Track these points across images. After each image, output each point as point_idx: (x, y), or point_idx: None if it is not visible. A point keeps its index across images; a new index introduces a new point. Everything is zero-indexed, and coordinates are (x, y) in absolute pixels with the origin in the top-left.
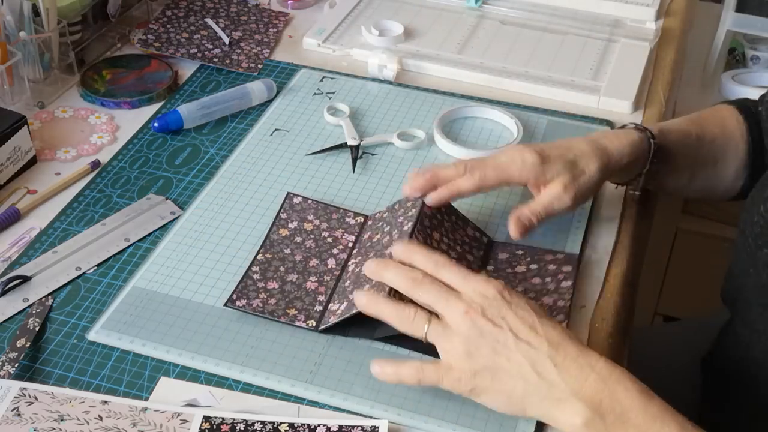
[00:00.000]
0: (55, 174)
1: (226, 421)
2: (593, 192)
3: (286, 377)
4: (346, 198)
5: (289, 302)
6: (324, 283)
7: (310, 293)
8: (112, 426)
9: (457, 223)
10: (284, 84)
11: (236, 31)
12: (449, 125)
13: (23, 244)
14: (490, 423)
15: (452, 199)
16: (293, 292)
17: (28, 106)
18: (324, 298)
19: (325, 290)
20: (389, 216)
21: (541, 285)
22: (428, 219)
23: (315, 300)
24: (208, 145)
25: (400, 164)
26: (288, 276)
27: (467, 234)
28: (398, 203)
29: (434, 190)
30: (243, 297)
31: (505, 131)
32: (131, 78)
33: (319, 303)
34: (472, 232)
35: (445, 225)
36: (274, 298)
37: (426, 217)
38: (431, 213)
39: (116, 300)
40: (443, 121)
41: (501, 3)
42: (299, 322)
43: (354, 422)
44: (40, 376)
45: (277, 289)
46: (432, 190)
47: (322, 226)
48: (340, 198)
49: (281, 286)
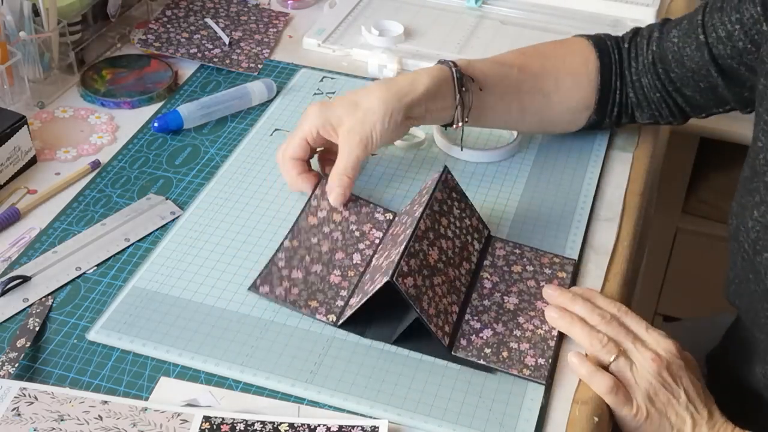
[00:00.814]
0: (55, 174)
1: (226, 421)
2: (391, 129)
3: (286, 377)
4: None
5: (311, 294)
6: (347, 278)
7: (333, 287)
8: (112, 426)
9: (465, 211)
10: (284, 84)
11: (236, 31)
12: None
13: (23, 244)
14: (490, 423)
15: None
16: (316, 284)
17: (28, 106)
18: (346, 294)
19: (348, 285)
20: (410, 208)
21: (536, 288)
22: (438, 204)
23: (337, 294)
24: (208, 145)
25: (400, 164)
26: (312, 267)
27: (472, 224)
28: (418, 193)
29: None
30: (266, 283)
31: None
32: (131, 78)
33: (341, 298)
34: (476, 223)
35: (454, 212)
36: (297, 288)
37: (436, 202)
38: (442, 198)
39: (116, 300)
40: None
41: (501, 3)
42: (320, 315)
43: (354, 422)
44: (40, 376)
45: (301, 279)
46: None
47: (351, 219)
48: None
49: (305, 277)
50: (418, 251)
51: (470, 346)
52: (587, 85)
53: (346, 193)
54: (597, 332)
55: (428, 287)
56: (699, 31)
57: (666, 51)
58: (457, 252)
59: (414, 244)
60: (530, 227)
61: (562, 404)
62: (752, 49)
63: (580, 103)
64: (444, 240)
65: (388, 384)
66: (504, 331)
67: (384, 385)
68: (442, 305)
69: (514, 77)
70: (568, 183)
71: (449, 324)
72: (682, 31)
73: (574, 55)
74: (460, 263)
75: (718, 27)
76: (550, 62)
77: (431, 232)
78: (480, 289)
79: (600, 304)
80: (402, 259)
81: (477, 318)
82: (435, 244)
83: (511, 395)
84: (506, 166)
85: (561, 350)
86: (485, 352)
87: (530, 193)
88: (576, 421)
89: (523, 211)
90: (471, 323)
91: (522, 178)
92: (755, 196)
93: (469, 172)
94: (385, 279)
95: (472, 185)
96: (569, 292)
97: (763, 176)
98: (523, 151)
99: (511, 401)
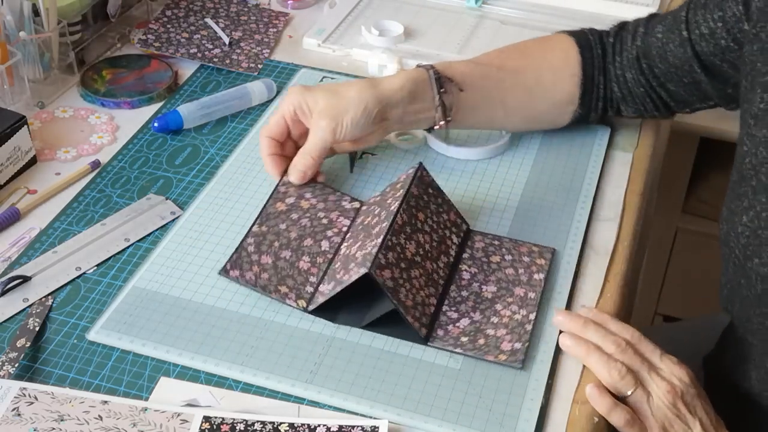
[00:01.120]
0: (55, 174)
1: (226, 421)
2: (363, 122)
3: (286, 377)
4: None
5: (281, 279)
6: (317, 264)
7: (302, 273)
8: (112, 426)
9: (441, 206)
10: (284, 84)
11: (236, 31)
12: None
13: (23, 244)
14: (490, 423)
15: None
16: (286, 270)
17: (28, 106)
18: (316, 280)
19: (318, 272)
20: (381, 199)
21: (514, 276)
22: (414, 199)
23: (307, 281)
24: (208, 145)
25: (400, 164)
26: (282, 252)
27: (449, 219)
28: (390, 186)
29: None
30: (237, 267)
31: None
32: (131, 78)
33: (310, 284)
34: (454, 218)
35: (431, 207)
36: (267, 273)
37: (413, 197)
38: (418, 194)
39: (116, 300)
40: None
41: (501, 3)
42: (290, 300)
43: (354, 422)
44: (40, 376)
45: (270, 264)
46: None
47: (319, 206)
48: None
49: (274, 262)
50: (395, 245)
51: (447, 336)
52: (569, 80)
53: (307, 173)
54: (615, 362)
55: (405, 279)
56: (682, 27)
57: (650, 46)
58: (434, 246)
59: (391, 238)
60: (530, 227)
61: (562, 404)
62: (734, 47)
63: (564, 98)
64: (421, 234)
65: (388, 384)
66: (481, 319)
67: (384, 385)
68: (419, 297)
69: (495, 75)
70: (568, 183)
71: (426, 315)
72: (666, 27)
73: (554, 50)
74: (437, 257)
75: (701, 24)
76: (530, 59)
77: (408, 227)
78: (458, 280)
79: (613, 329)
80: (380, 251)
81: (455, 308)
82: (412, 238)
83: (511, 395)
84: (506, 165)
85: (560, 350)
86: (462, 340)
87: (530, 192)
88: (576, 421)
89: (523, 210)
90: (448, 314)
91: (522, 177)
92: (744, 201)
93: (469, 171)
94: (363, 270)
95: (472, 184)
96: (580, 317)
97: (750, 180)
98: (522, 151)
99: (511, 401)
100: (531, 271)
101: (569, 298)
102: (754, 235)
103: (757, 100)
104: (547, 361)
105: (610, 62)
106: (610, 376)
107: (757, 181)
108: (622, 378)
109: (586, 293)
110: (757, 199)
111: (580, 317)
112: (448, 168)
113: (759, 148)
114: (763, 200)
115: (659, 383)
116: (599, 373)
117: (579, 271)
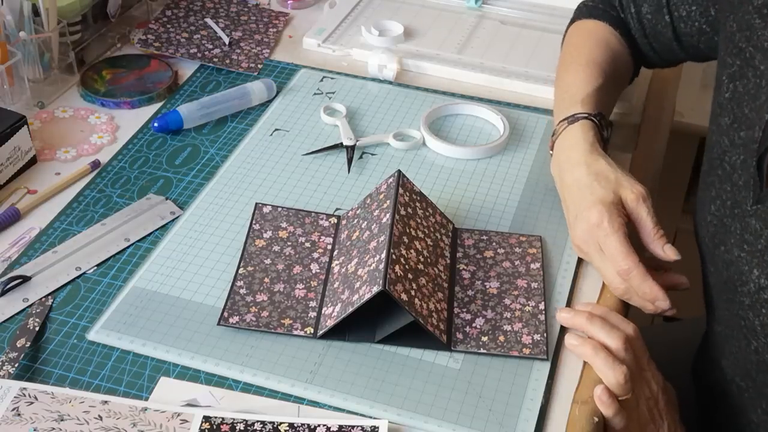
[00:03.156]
0: (55, 174)
1: (226, 421)
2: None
3: (286, 377)
4: (345, 198)
5: (282, 312)
6: (312, 289)
7: (300, 301)
8: (112, 426)
9: (427, 210)
10: (284, 84)
11: (236, 31)
12: (438, 124)
13: (23, 244)
14: (490, 423)
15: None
16: (284, 302)
17: (28, 106)
18: (316, 304)
19: (315, 296)
20: (363, 212)
21: (512, 269)
22: (404, 208)
23: (307, 306)
24: (208, 145)
25: (399, 165)
26: (275, 286)
27: (437, 221)
28: (369, 197)
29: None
30: (235, 314)
31: (493, 129)
32: (131, 78)
33: (312, 309)
34: (440, 219)
35: (418, 213)
36: (266, 311)
37: (402, 206)
38: (405, 202)
39: (116, 300)
40: (429, 120)
41: (501, 3)
42: (297, 330)
43: (354, 422)
44: (40, 376)
45: (267, 301)
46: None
47: (297, 232)
48: (338, 198)
49: (270, 297)
50: (399, 257)
51: (467, 338)
52: (630, 63)
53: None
54: (620, 365)
55: (416, 290)
56: (665, 11)
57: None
58: (431, 250)
59: (393, 251)
60: (530, 226)
61: (562, 404)
62: (708, 30)
63: (629, 72)
64: (417, 241)
65: (388, 384)
66: (494, 316)
67: (384, 385)
68: (432, 304)
69: (612, 91)
70: None
71: (443, 321)
72: (652, 8)
73: (606, 36)
74: (436, 261)
75: (680, 6)
76: (607, 53)
77: (405, 237)
78: (460, 281)
79: (614, 322)
80: (388, 267)
81: (466, 309)
82: (411, 247)
83: (511, 395)
84: (506, 164)
85: (560, 350)
86: (483, 340)
87: (530, 193)
88: (576, 421)
89: (523, 210)
90: (461, 316)
91: (522, 177)
92: (711, 191)
93: (468, 171)
94: (376, 288)
95: (472, 183)
96: (584, 312)
97: (716, 170)
98: (522, 151)
99: (511, 401)
100: (526, 261)
101: (569, 298)
102: (720, 224)
103: (723, 89)
104: (547, 361)
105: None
106: (615, 378)
107: (722, 170)
108: (625, 383)
109: (586, 293)
110: (723, 188)
111: (584, 312)
112: (447, 168)
113: (722, 137)
114: (727, 189)
115: (643, 389)
116: (604, 375)
117: (579, 271)
